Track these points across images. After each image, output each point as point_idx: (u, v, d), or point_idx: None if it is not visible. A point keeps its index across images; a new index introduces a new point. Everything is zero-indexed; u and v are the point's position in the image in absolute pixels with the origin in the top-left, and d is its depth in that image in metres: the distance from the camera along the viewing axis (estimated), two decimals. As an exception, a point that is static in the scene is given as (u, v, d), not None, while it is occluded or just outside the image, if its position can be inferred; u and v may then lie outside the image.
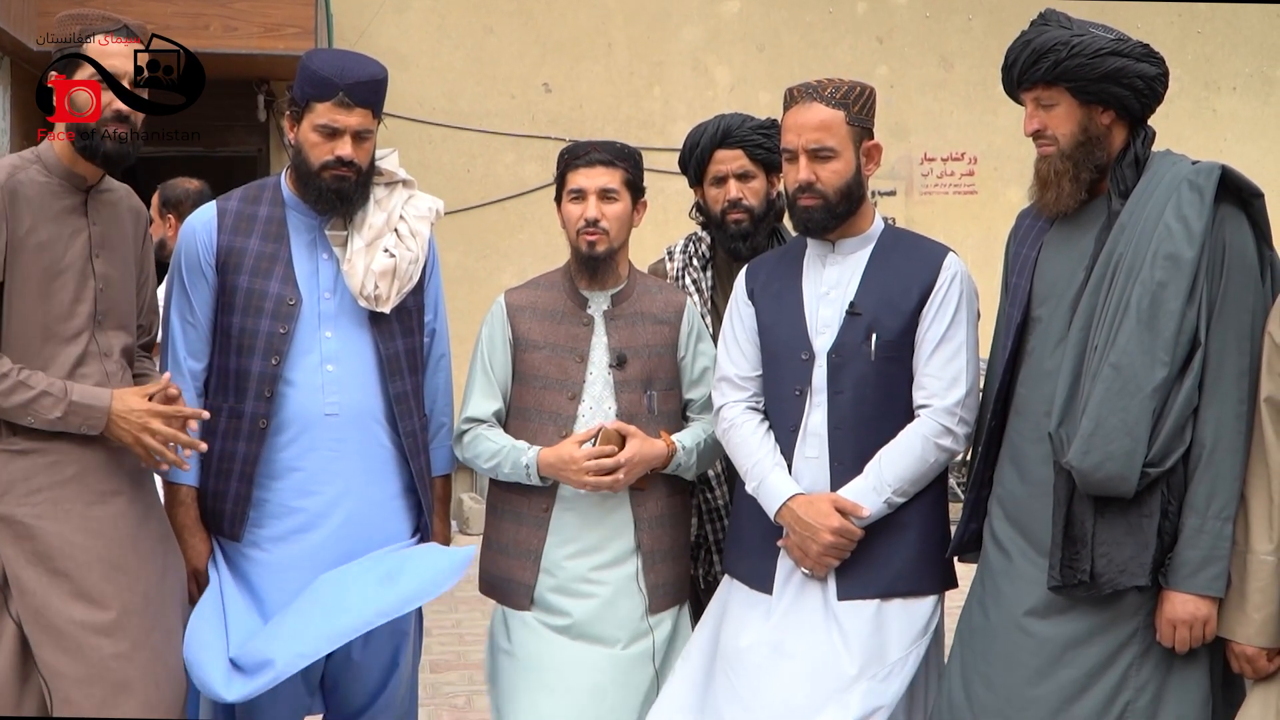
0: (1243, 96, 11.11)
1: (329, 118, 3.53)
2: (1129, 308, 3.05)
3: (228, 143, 9.86)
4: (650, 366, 3.72)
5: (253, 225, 3.65)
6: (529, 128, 10.14)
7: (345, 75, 3.52)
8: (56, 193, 3.35)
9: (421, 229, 3.72)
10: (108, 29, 3.38)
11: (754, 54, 10.45)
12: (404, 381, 3.70)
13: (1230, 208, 3.09)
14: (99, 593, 3.27)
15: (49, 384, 3.25)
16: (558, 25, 10.23)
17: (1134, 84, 3.17)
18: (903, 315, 3.46)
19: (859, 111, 3.47)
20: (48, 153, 3.38)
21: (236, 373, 3.59)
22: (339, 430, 3.61)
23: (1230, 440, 3.03)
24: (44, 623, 3.23)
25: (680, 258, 4.12)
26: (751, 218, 3.95)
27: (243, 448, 3.58)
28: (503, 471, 3.70)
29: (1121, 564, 3.04)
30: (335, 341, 3.63)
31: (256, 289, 3.59)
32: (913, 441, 3.41)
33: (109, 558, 3.31)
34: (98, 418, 3.29)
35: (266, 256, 3.62)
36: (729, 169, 3.96)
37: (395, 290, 3.64)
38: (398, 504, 3.73)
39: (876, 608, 3.40)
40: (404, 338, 3.72)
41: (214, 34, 8.56)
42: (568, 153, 3.75)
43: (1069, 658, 3.15)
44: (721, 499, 3.96)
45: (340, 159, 3.54)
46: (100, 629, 3.26)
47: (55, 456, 3.30)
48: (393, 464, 3.71)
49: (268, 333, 3.57)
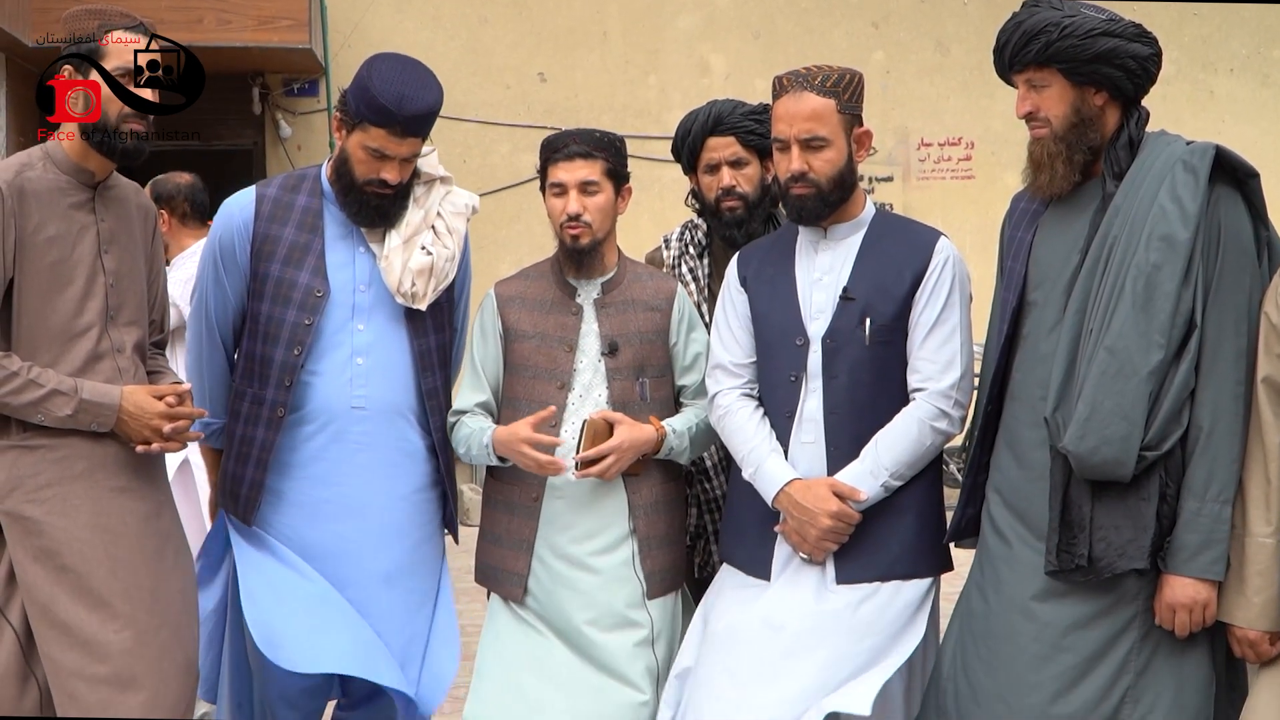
0: (1240, 78, 11.09)
1: (381, 144, 3.53)
2: (1124, 290, 3.03)
3: (222, 136, 9.86)
4: (642, 354, 3.70)
5: (289, 214, 3.68)
6: (525, 118, 10.14)
7: (404, 107, 3.49)
8: (65, 189, 3.36)
9: (459, 225, 3.75)
10: (127, 25, 3.39)
11: (749, 41, 10.44)
12: (435, 377, 3.74)
13: (1225, 188, 3.08)
14: (106, 589, 3.28)
15: (59, 382, 3.26)
16: (552, 15, 10.22)
17: (1126, 64, 3.15)
18: (896, 300, 3.45)
19: (849, 99, 3.47)
20: (56, 150, 3.39)
21: (261, 360, 3.63)
22: (365, 423, 3.65)
23: (1228, 422, 3.01)
24: (50, 618, 3.24)
25: (676, 245, 4.11)
26: (746, 205, 3.93)
27: (261, 434, 3.63)
28: (472, 455, 3.71)
29: (1120, 547, 3.03)
30: (368, 334, 3.65)
31: (287, 278, 3.62)
32: (909, 425, 3.41)
33: (116, 554, 3.31)
34: (107, 415, 3.31)
35: (300, 246, 3.65)
36: (722, 156, 3.94)
37: (432, 288, 3.67)
38: (423, 497, 3.77)
39: (874, 590, 3.40)
40: (436, 333, 3.76)
41: (208, 27, 8.56)
42: (547, 145, 3.73)
43: (1068, 643, 3.14)
44: (719, 489, 3.95)
45: (384, 181, 3.56)
46: (106, 626, 3.26)
47: (65, 452, 3.31)
48: (421, 458, 3.75)
49: (293, 323, 3.61)
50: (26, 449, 3.28)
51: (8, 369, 3.22)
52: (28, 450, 3.28)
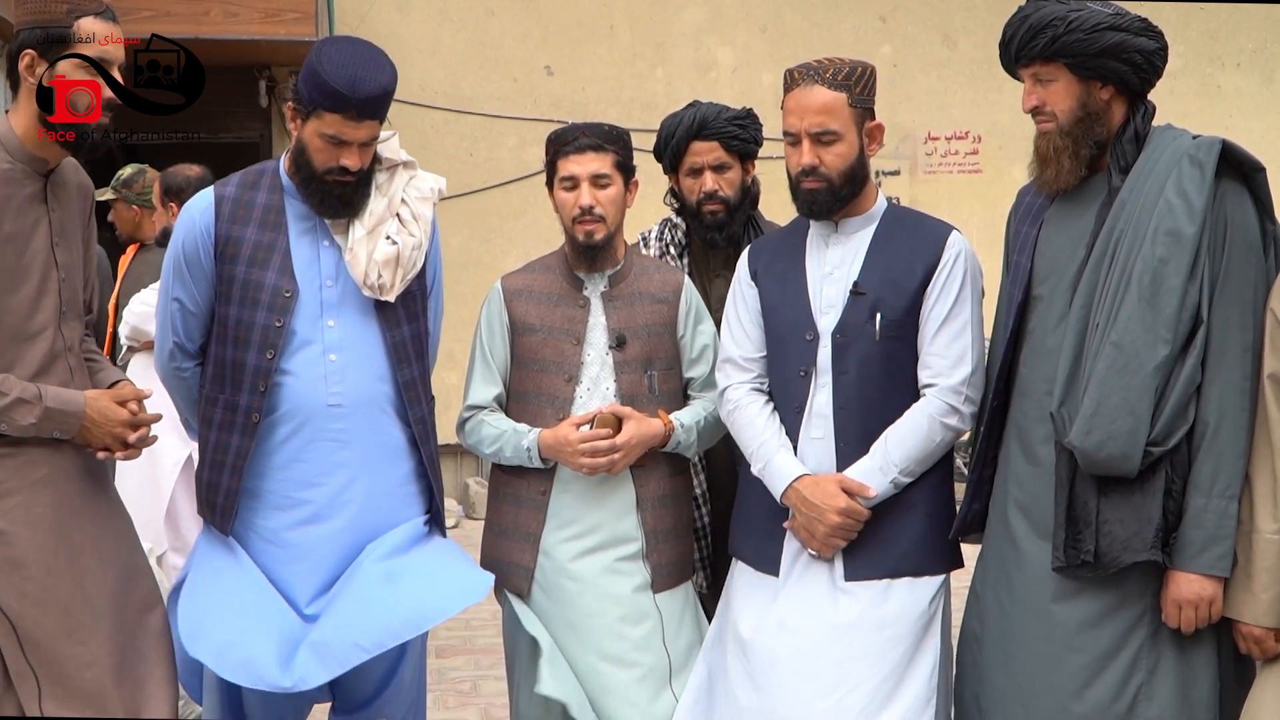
0: (1247, 72, 11.07)
1: (337, 130, 3.45)
2: (1130, 285, 3.03)
3: (229, 129, 9.86)
4: (650, 346, 3.71)
5: (250, 213, 3.59)
6: (531, 111, 10.12)
7: (357, 89, 3.40)
8: (19, 180, 3.24)
9: (424, 211, 3.66)
10: (95, 10, 3.24)
11: (756, 34, 10.41)
12: (411, 368, 3.67)
13: (1232, 182, 3.07)
14: (72, 601, 3.23)
15: (22, 389, 3.17)
16: (559, 8, 10.20)
17: (1133, 59, 3.15)
18: (907, 294, 3.44)
19: (860, 93, 3.44)
20: (8, 136, 3.25)
21: (233, 364, 3.55)
22: (343, 421, 3.57)
23: (1234, 418, 3.01)
24: (22, 633, 3.19)
25: (656, 245, 4.12)
26: (727, 208, 3.98)
27: (236, 440, 3.55)
28: (504, 455, 3.69)
29: (1124, 540, 3.03)
30: (338, 330, 3.58)
31: (253, 280, 3.54)
32: (919, 421, 3.40)
33: (76, 563, 3.26)
34: (71, 423, 3.24)
35: (264, 246, 3.56)
36: (705, 161, 3.98)
37: (399, 278, 3.59)
38: (407, 490, 3.70)
39: (884, 587, 3.39)
40: (409, 323, 3.68)
41: (214, 20, 8.54)
42: (556, 138, 3.72)
43: (1080, 642, 3.14)
44: (706, 517, 3.99)
45: (344, 168, 3.49)
46: (72, 637, 3.22)
47: (24, 459, 3.22)
48: (402, 451, 3.68)
49: (263, 325, 3.52)
50: None
51: None
52: None
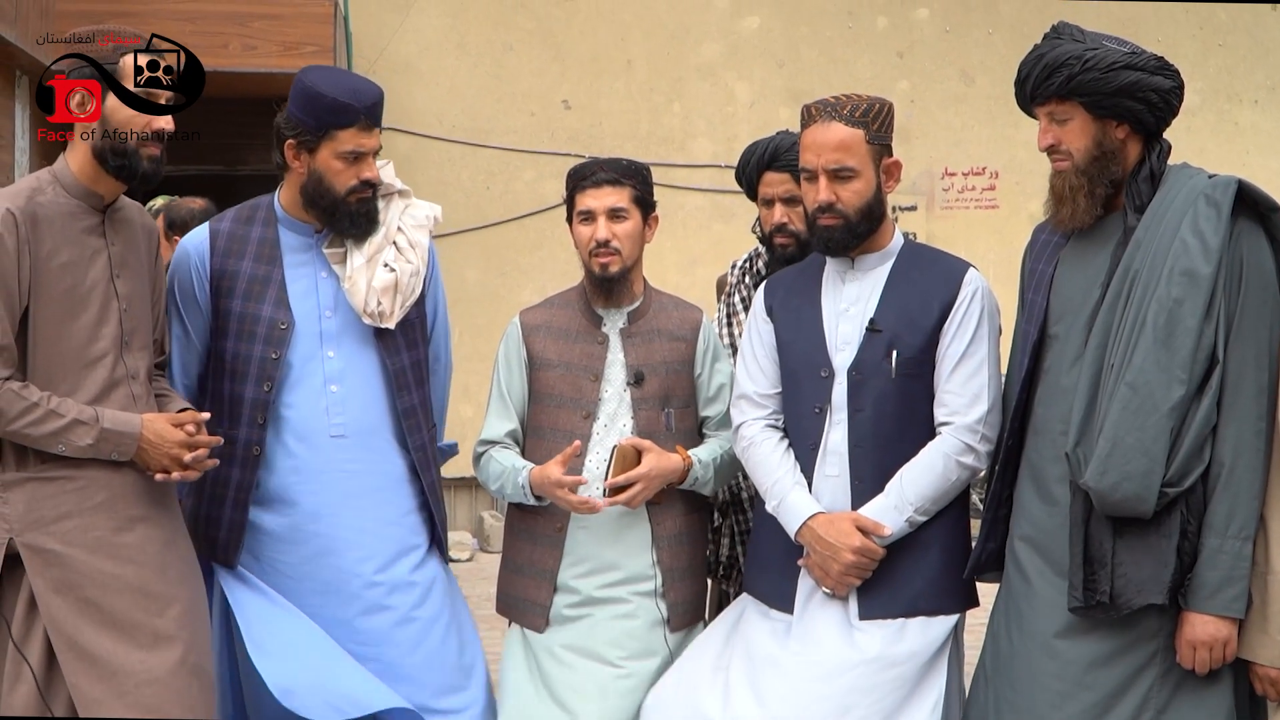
0: (1265, 109, 11.05)
1: (355, 143, 3.50)
2: (1145, 325, 3.01)
3: (247, 161, 9.87)
4: (668, 384, 3.71)
5: (245, 247, 3.63)
6: (549, 145, 10.14)
7: (361, 97, 3.50)
8: (75, 214, 3.31)
9: (420, 239, 3.68)
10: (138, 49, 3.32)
11: (774, 69, 10.43)
12: (411, 395, 3.69)
13: (1248, 222, 3.06)
14: (129, 620, 3.26)
15: (79, 411, 3.22)
16: (577, 42, 10.24)
17: (1148, 98, 3.14)
18: (923, 332, 3.43)
19: (878, 129, 3.44)
20: (65, 173, 3.34)
21: (231, 398, 3.58)
22: (347, 452, 3.60)
23: (1249, 459, 2.99)
24: (77, 650, 3.22)
25: (737, 273, 4.13)
26: (797, 242, 3.92)
27: (237, 474, 3.57)
28: (506, 493, 3.70)
29: (1139, 583, 3.01)
30: (339, 360, 3.61)
31: (249, 313, 3.57)
32: (934, 459, 3.38)
33: (138, 585, 3.29)
34: (128, 444, 3.28)
35: (259, 279, 3.60)
36: (775, 193, 3.95)
37: (399, 305, 3.61)
38: (411, 520, 3.71)
39: (899, 627, 3.37)
40: (409, 351, 3.70)
41: (233, 53, 8.58)
42: (575, 173, 3.73)
43: (1090, 680, 3.12)
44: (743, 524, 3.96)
45: (366, 182, 3.53)
46: (131, 656, 3.24)
47: (83, 482, 3.27)
48: (404, 481, 3.70)
49: (260, 358, 3.56)
50: (45, 480, 3.25)
51: (28, 400, 3.18)
52: (46, 481, 3.25)
